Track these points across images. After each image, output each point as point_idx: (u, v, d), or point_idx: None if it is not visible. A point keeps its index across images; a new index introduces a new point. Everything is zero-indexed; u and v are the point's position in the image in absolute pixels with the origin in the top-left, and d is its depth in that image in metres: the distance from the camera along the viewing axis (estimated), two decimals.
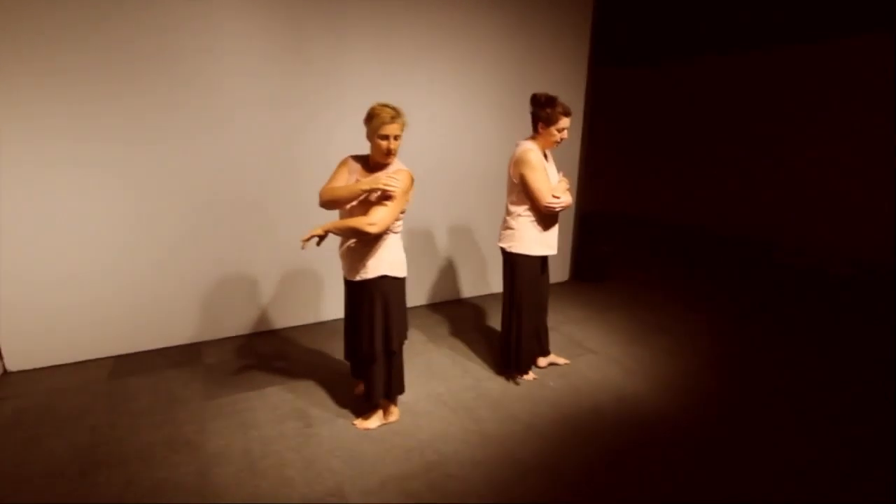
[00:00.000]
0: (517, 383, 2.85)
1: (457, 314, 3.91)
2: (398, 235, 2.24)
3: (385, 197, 2.04)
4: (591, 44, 4.28)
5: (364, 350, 2.26)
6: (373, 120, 2.04)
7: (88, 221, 2.84)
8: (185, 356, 3.10)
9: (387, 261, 2.18)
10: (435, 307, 4.05)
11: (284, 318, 3.53)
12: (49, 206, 2.73)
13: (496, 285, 4.41)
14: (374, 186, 2.00)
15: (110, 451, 2.19)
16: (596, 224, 5.68)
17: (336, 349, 3.24)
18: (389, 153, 2.08)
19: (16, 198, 2.66)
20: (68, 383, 2.76)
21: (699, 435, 2.39)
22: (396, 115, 2.04)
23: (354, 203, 2.10)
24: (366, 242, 2.15)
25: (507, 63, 3.93)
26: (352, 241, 2.18)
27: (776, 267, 5.41)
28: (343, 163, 2.23)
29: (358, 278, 2.19)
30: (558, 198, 2.55)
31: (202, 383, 2.77)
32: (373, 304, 2.20)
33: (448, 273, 4.11)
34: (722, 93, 6.65)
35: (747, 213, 6.55)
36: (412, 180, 2.14)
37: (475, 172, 3.99)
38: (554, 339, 3.35)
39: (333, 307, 3.68)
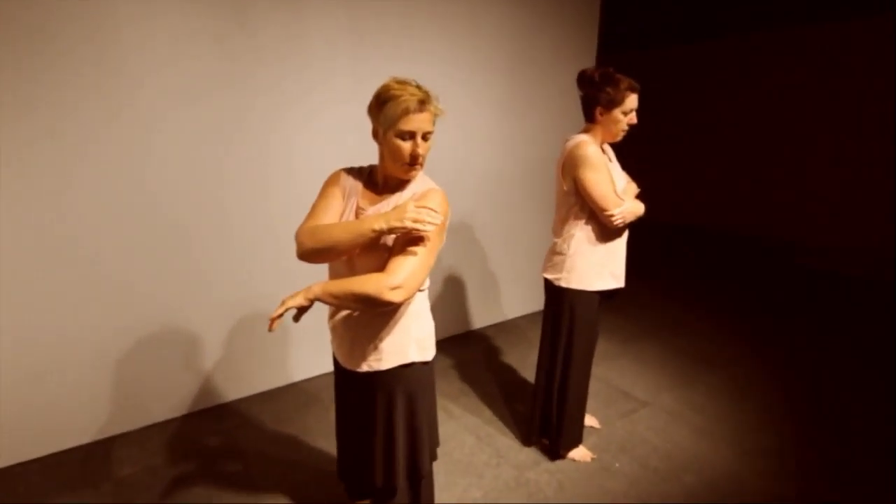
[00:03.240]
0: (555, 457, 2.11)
1: (458, 359, 3.09)
2: (425, 293, 1.40)
3: (411, 239, 1.20)
4: (600, 28, 3.58)
5: (379, 482, 1.40)
6: (387, 107, 1.19)
7: None
8: (84, 467, 2.09)
9: (415, 338, 1.34)
10: None
11: (236, 387, 2.57)
12: None
13: (497, 313, 3.64)
14: (397, 225, 1.15)
15: None
16: None
17: (313, 427, 2.35)
18: (415, 162, 1.23)
19: None
20: None
21: None
22: (426, 98, 1.19)
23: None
24: (381, 312, 1.30)
25: (508, 43, 3.13)
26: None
27: (797, 268, 4.95)
28: (332, 181, 1.35)
29: (365, 369, 1.33)
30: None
31: None
32: (392, 411, 1.35)
33: (438, 305, 3.29)
34: (735, 79, 6.10)
35: (763, 212, 6.06)
36: (448, 204, 1.30)
37: (466, 174, 3.19)
38: (594, 387, 2.62)
39: (306, 364, 2.76)
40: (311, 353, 2.75)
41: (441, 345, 3.18)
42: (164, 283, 2.25)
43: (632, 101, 1.85)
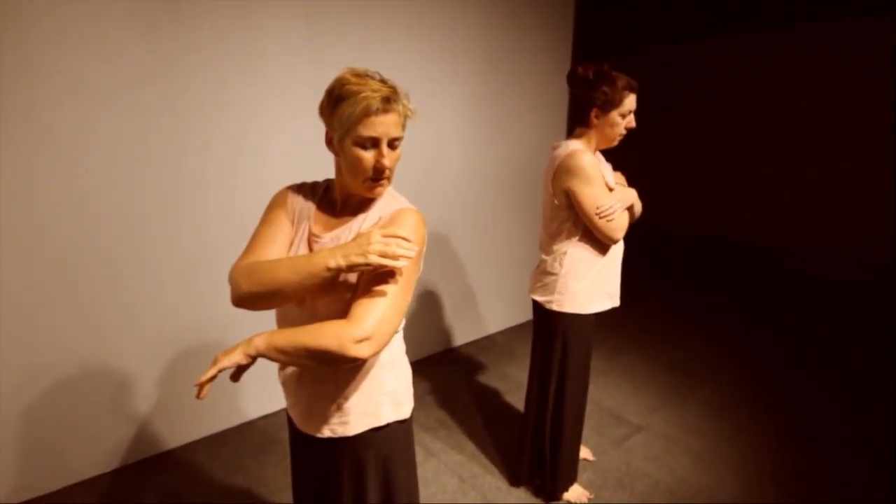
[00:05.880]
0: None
1: (435, 383, 2.82)
2: (400, 333, 1.13)
3: (380, 274, 0.93)
4: (574, 29, 3.39)
5: None
6: (342, 107, 0.92)
7: None
8: None
9: (389, 392, 1.07)
10: None
11: (178, 431, 2.22)
12: None
13: (474, 330, 3.40)
14: (359, 261, 0.88)
15: None
16: None
17: (270, 476, 2.04)
18: (381, 177, 0.97)
19: None
20: None
21: None
22: (393, 95, 0.93)
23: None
24: (343, 368, 1.03)
25: (481, 34, 2.90)
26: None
27: (787, 275, 4.81)
28: (277, 203, 1.07)
29: (328, 434, 1.06)
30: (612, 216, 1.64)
31: None
32: (362, 482, 1.08)
33: (412, 323, 3.02)
34: (721, 81, 5.97)
35: (752, 217, 5.92)
36: (425, 227, 1.04)
37: (437, 179, 2.94)
38: None
39: (263, 398, 2.44)
40: (269, 386, 2.43)
41: (416, 367, 2.92)
42: (83, 315, 1.89)
43: (630, 101, 1.65)
